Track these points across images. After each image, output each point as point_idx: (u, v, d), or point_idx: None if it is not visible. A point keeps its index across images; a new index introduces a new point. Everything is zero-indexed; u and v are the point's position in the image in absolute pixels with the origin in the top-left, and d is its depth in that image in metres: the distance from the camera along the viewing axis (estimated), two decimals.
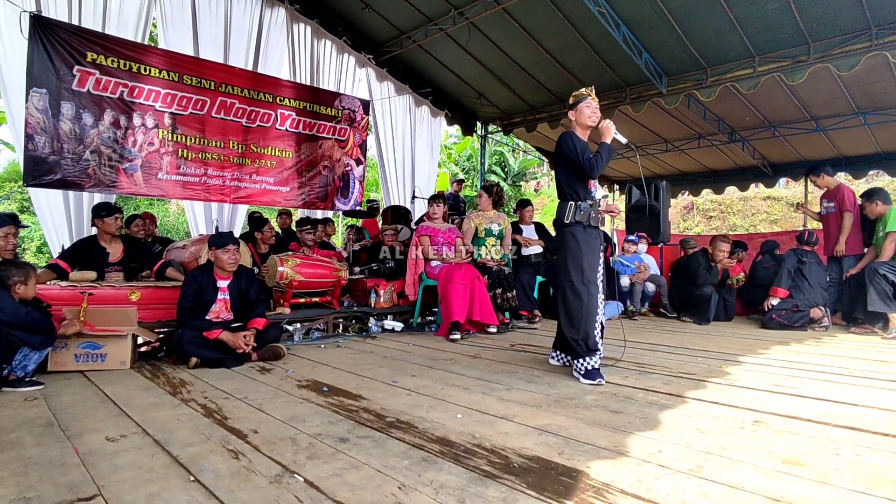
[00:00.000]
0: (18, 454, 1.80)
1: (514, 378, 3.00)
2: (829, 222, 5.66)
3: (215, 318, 3.50)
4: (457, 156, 20.26)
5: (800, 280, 5.16)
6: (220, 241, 3.55)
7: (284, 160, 6.59)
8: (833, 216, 5.60)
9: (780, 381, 2.91)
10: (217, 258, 3.51)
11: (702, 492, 1.53)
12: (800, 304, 5.07)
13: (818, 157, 9.01)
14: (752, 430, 2.07)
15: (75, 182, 5.10)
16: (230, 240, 3.58)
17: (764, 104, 7.51)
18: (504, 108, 9.08)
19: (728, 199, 16.25)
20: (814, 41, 5.70)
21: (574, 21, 6.28)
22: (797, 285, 5.15)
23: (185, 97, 5.72)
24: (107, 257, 4.04)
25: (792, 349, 3.96)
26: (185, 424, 2.13)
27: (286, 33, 7.13)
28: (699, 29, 5.94)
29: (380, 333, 4.83)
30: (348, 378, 3.00)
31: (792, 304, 5.10)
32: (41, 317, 2.88)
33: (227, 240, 3.57)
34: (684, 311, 5.91)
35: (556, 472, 1.67)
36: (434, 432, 2.04)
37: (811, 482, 1.59)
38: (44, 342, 2.86)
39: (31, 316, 2.82)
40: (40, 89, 4.80)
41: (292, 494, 1.50)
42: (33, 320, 2.81)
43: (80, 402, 2.47)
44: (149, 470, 1.67)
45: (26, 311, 2.80)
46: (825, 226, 5.76)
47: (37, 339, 2.81)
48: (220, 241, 3.55)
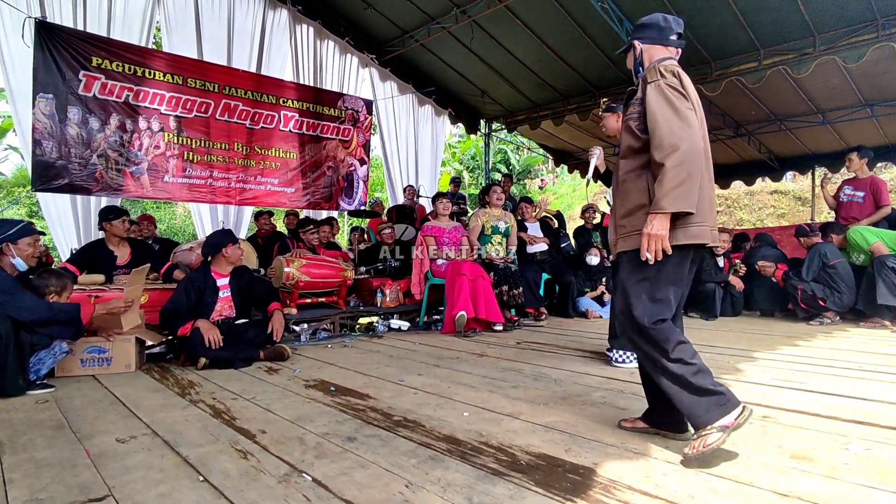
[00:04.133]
0: (31, 456, 1.82)
1: (520, 376, 3.00)
2: (851, 211, 5.44)
3: (218, 317, 3.54)
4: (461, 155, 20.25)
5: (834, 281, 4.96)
6: (234, 237, 3.74)
7: (289, 161, 6.62)
8: (856, 205, 5.39)
9: (788, 375, 2.90)
10: (231, 254, 3.64)
11: (710, 487, 1.52)
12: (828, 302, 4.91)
13: (825, 150, 8.94)
14: (760, 426, 2.06)
15: (83, 186, 5.14)
16: (235, 237, 3.81)
17: (770, 97, 7.45)
18: (507, 105, 9.07)
19: (734, 194, 16.13)
20: (819, 33, 5.65)
21: (577, 17, 6.26)
22: (832, 285, 4.97)
23: (189, 100, 5.76)
24: (115, 260, 4.07)
25: (800, 344, 3.93)
26: (193, 425, 2.15)
27: (289, 35, 7.15)
28: (703, 23, 5.91)
29: (386, 333, 4.84)
30: (355, 377, 3.02)
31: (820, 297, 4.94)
32: (66, 306, 2.94)
33: (234, 237, 3.78)
34: (691, 308, 5.88)
35: (563, 470, 1.67)
36: (441, 430, 2.05)
37: (820, 477, 1.58)
38: (76, 333, 2.93)
39: (57, 307, 2.87)
40: (47, 94, 4.84)
41: (301, 493, 1.51)
42: (59, 312, 2.84)
43: (90, 404, 2.50)
44: (159, 470, 1.69)
45: (47, 306, 2.85)
46: (841, 213, 5.55)
47: (69, 329, 2.87)
48: (233, 237, 3.74)
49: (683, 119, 1.71)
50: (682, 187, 1.68)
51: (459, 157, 20.28)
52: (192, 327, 3.27)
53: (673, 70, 1.78)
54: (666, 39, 1.91)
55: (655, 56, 1.91)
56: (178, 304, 3.39)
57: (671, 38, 1.91)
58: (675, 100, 1.73)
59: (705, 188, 1.78)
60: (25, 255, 3.06)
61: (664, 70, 1.78)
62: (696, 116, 1.74)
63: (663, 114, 1.73)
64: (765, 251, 5.79)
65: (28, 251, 3.10)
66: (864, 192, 5.41)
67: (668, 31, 1.91)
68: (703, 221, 1.76)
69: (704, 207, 1.77)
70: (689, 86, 1.78)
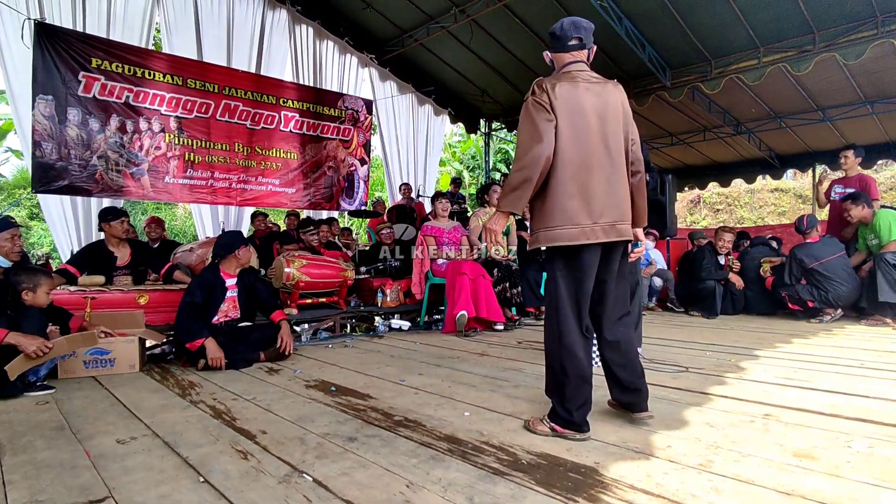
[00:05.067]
0: (31, 457, 1.82)
1: (521, 375, 2.99)
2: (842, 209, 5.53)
3: (223, 318, 3.54)
4: (461, 154, 20.24)
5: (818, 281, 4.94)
6: (245, 239, 3.77)
7: (289, 162, 6.62)
8: None
9: (790, 373, 2.89)
10: (243, 255, 3.65)
11: (712, 486, 1.52)
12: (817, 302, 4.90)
13: (826, 147, 8.94)
14: (762, 424, 2.05)
15: (83, 188, 5.14)
16: (246, 239, 3.86)
17: (770, 95, 7.45)
18: (507, 104, 9.06)
19: (735, 192, 16.13)
20: (819, 30, 5.65)
21: (575, 15, 6.23)
22: (817, 285, 4.95)
23: (189, 100, 5.76)
24: (115, 261, 4.07)
25: (802, 341, 3.92)
26: (194, 426, 2.15)
27: (288, 35, 7.16)
28: (703, 21, 5.90)
29: (387, 332, 4.84)
30: (356, 377, 3.01)
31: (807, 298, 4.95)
32: None
33: (245, 239, 3.83)
34: (691, 306, 5.88)
35: (564, 469, 1.66)
36: (442, 430, 2.04)
37: (823, 475, 1.57)
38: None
39: None
40: (46, 96, 4.84)
41: (301, 494, 1.51)
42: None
43: (90, 406, 2.50)
44: (159, 471, 1.68)
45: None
46: (835, 212, 5.58)
47: None
48: (245, 239, 3.77)
49: (534, 133, 1.91)
50: (514, 193, 1.93)
51: (459, 157, 20.27)
52: (200, 344, 3.26)
53: (542, 85, 1.97)
54: (564, 46, 2.09)
55: (562, 62, 2.11)
56: (195, 296, 3.42)
57: (570, 44, 2.08)
58: (534, 114, 1.93)
59: (566, 194, 1.92)
60: (5, 250, 2.95)
61: (536, 86, 1.98)
62: (554, 127, 1.91)
63: (521, 127, 1.99)
64: (755, 251, 5.79)
65: (7, 246, 3.01)
66: (854, 190, 5.42)
67: (566, 38, 2.09)
68: (562, 225, 1.91)
69: (565, 210, 1.91)
70: (566, 93, 1.94)
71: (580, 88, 1.97)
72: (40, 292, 2.92)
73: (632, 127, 2.09)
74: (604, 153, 1.96)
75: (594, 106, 1.96)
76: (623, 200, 1.99)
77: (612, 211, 1.94)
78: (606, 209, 1.93)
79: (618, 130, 2.00)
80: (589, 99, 1.96)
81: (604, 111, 1.97)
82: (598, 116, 1.96)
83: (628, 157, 2.04)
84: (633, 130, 2.09)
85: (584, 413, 1.94)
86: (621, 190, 1.99)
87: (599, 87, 2.01)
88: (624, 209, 1.98)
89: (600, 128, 1.96)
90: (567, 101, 1.93)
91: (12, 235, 3.32)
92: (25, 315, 2.84)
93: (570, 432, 1.92)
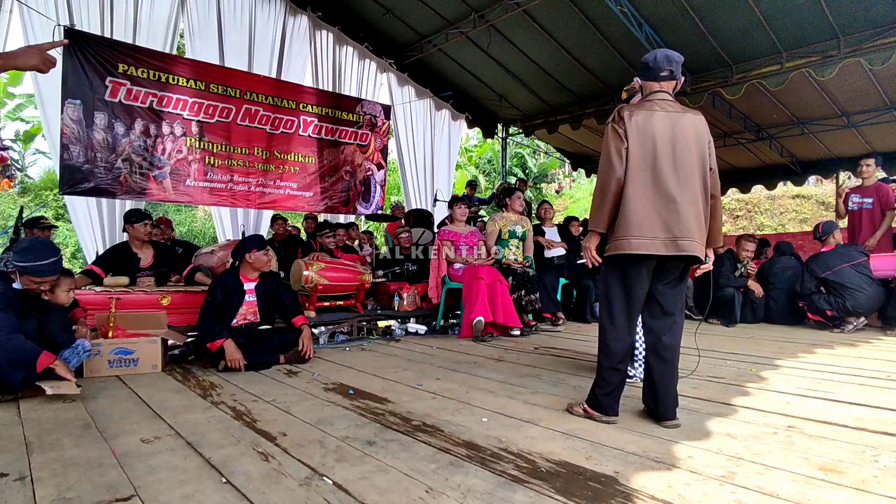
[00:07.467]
0: (58, 455, 1.86)
1: (538, 381, 2.98)
2: (862, 218, 5.46)
3: (242, 321, 3.57)
4: (477, 158, 20.24)
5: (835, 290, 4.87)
6: (261, 243, 3.71)
7: (307, 166, 6.69)
8: (867, 212, 5.41)
9: (812, 384, 2.84)
10: (257, 259, 3.61)
11: (735, 498, 1.50)
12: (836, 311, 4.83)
13: (850, 153, 8.75)
14: (785, 436, 2.02)
15: (108, 190, 5.26)
16: (266, 242, 3.79)
17: (792, 101, 7.33)
18: (525, 109, 9.05)
19: (755, 199, 15.87)
20: (844, 35, 5.55)
21: (595, 21, 6.23)
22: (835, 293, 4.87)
23: (211, 105, 5.85)
24: (138, 262, 4.16)
25: (824, 352, 3.85)
26: (215, 427, 2.18)
27: (308, 41, 7.24)
28: (724, 26, 5.84)
29: (403, 336, 4.85)
30: (373, 381, 3.03)
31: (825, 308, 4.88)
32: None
33: (265, 242, 3.77)
34: (710, 313, 5.80)
35: (583, 478, 1.66)
36: (460, 436, 2.05)
37: (850, 490, 1.55)
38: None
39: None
40: (75, 100, 4.96)
41: (322, 497, 1.52)
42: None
43: (115, 405, 2.55)
44: (183, 471, 1.71)
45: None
46: (854, 222, 5.57)
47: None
48: (261, 243, 3.70)
49: (608, 159, 2.16)
50: (595, 212, 2.22)
51: (476, 161, 20.28)
52: (220, 345, 3.31)
53: (622, 112, 2.18)
54: (655, 77, 2.24)
55: (650, 90, 2.27)
56: (215, 297, 3.46)
57: (661, 75, 2.22)
58: (610, 140, 2.17)
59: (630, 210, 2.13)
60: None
61: (616, 113, 2.20)
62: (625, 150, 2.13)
63: (602, 152, 2.22)
64: (784, 261, 5.71)
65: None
66: (871, 199, 5.43)
67: (658, 70, 2.22)
68: (623, 236, 2.12)
69: (629, 224, 2.11)
70: (641, 121, 2.14)
71: (656, 117, 2.15)
72: (59, 291, 2.98)
73: (712, 156, 2.23)
74: (672, 175, 2.12)
75: (666, 133, 2.14)
76: (687, 219, 2.11)
77: (676, 227, 2.10)
78: (670, 225, 2.10)
79: (689, 155, 2.14)
80: (663, 127, 2.14)
81: (675, 138, 2.14)
82: (669, 143, 2.13)
83: (705, 181, 2.18)
84: (712, 160, 2.22)
85: (611, 400, 2.19)
86: (689, 209, 2.12)
87: (677, 115, 2.17)
88: (688, 227, 2.11)
89: (670, 153, 2.13)
90: (641, 127, 2.14)
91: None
92: (49, 315, 2.91)
93: (597, 414, 2.22)
